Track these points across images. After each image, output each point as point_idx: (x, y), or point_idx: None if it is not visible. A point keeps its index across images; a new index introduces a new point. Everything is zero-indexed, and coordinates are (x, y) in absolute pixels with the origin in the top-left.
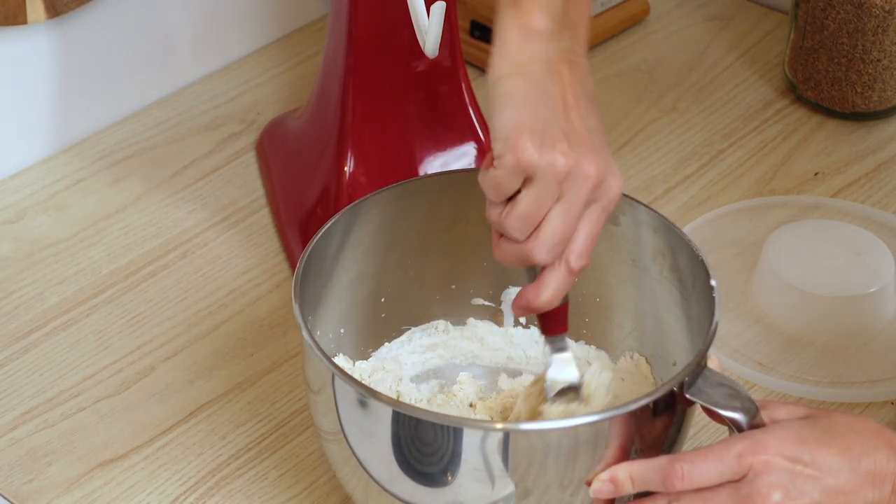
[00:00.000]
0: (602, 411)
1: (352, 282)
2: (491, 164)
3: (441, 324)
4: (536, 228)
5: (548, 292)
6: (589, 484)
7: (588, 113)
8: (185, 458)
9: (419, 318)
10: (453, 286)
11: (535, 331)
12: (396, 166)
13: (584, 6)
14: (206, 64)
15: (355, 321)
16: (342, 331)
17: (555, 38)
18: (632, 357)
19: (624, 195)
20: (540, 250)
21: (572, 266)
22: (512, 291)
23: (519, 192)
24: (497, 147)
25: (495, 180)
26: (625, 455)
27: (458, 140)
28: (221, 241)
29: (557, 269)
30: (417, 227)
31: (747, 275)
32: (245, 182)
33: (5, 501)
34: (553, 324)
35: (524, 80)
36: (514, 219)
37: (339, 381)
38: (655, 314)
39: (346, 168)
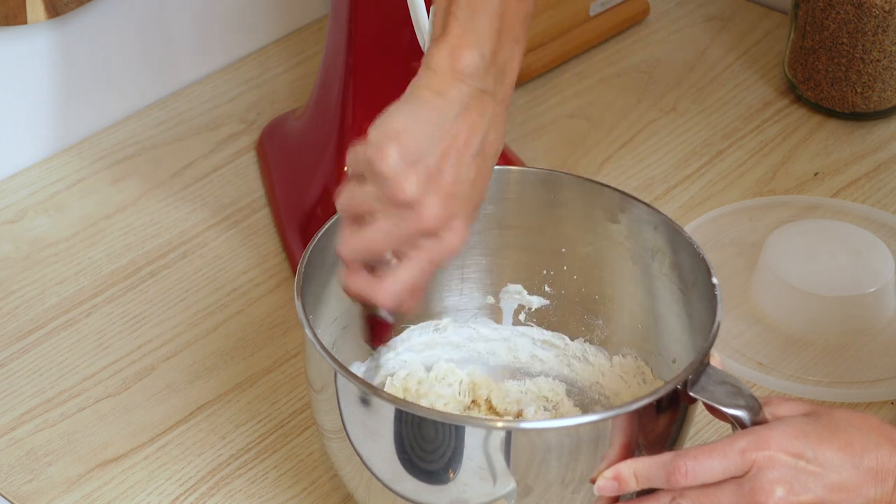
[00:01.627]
0: (606, 410)
1: None
2: (357, 144)
3: (439, 322)
4: (358, 227)
5: (352, 289)
6: (593, 482)
7: (469, 165)
8: (185, 458)
9: (418, 316)
10: (452, 284)
11: (534, 328)
12: None
13: (515, 49)
14: (206, 64)
15: (356, 319)
16: (343, 328)
17: (478, 78)
18: (631, 357)
19: (623, 193)
20: (344, 246)
21: (378, 300)
22: (511, 288)
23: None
24: (371, 136)
25: (350, 157)
26: (629, 453)
27: None
28: (221, 241)
29: (369, 289)
30: None
31: (747, 275)
32: (245, 182)
33: (5, 501)
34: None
35: (435, 102)
36: (341, 201)
37: (341, 379)
38: (655, 312)
39: (346, 168)
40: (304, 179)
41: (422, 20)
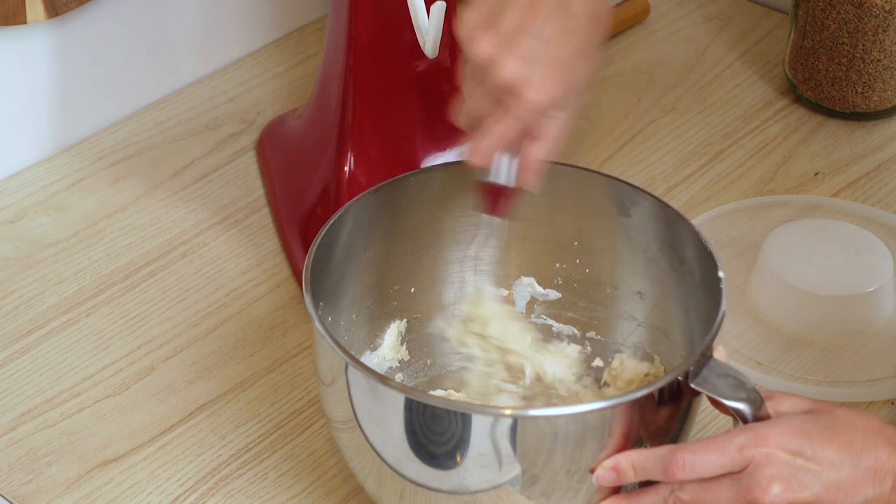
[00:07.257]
0: (608, 398)
1: (362, 270)
2: None
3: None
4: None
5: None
6: (592, 471)
7: (544, 23)
8: (185, 458)
9: (430, 306)
10: (464, 276)
11: (546, 321)
12: (396, 166)
13: None
14: (206, 64)
15: (366, 309)
16: (354, 317)
17: None
18: (641, 349)
19: (634, 186)
20: (461, 117)
21: (471, 159)
22: (524, 281)
23: None
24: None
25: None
26: (629, 443)
27: (459, 140)
28: (221, 241)
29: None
30: (429, 217)
31: (747, 274)
32: (245, 182)
33: (5, 501)
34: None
35: None
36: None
37: (352, 370)
38: (665, 305)
39: (346, 168)
40: (304, 179)
41: (422, 20)
